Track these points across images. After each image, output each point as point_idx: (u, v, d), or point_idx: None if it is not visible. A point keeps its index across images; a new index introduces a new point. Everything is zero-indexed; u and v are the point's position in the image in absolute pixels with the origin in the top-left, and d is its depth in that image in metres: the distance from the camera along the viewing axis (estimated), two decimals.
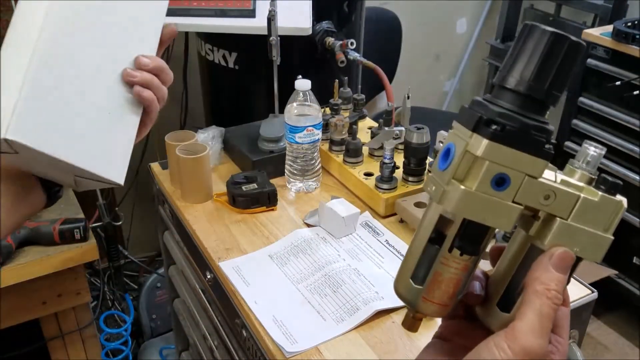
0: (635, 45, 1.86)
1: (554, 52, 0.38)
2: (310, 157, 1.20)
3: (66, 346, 1.43)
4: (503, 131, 0.37)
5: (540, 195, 0.40)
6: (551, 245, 0.41)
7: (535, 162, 0.39)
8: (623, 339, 2.13)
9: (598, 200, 0.40)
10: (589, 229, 0.41)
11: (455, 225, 0.40)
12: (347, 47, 1.40)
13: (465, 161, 0.39)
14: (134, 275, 2.20)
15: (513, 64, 0.40)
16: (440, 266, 0.42)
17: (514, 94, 0.39)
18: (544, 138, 0.38)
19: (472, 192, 0.39)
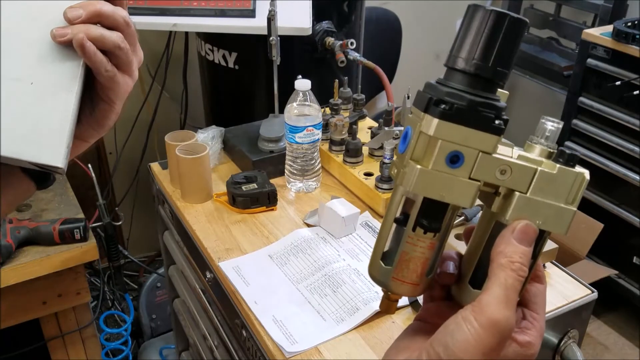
0: (635, 45, 1.86)
1: (496, 30, 0.39)
2: (310, 157, 1.20)
3: (66, 346, 1.43)
4: (451, 109, 0.39)
5: (496, 171, 0.41)
6: (513, 220, 0.42)
7: (486, 137, 0.40)
8: (623, 339, 2.13)
9: (556, 173, 0.41)
10: (549, 202, 0.41)
11: (417, 204, 0.42)
12: (347, 47, 1.40)
13: (420, 142, 0.40)
14: (134, 275, 2.21)
15: (459, 45, 0.41)
16: (406, 245, 0.43)
17: (462, 74, 0.41)
18: (492, 114, 0.40)
19: (428, 170, 0.40)
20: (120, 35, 0.53)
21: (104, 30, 0.52)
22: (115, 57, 0.53)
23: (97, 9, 0.52)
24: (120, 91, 0.56)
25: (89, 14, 0.52)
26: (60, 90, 0.54)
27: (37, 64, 0.54)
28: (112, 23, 0.53)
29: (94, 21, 0.52)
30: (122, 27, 0.53)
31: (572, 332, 0.97)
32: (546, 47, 2.54)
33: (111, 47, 0.53)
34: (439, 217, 0.42)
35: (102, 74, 0.53)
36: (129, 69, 0.55)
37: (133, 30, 0.55)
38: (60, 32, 0.52)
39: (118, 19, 0.53)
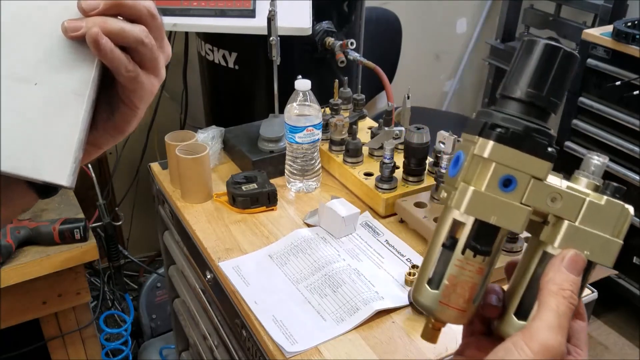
0: (635, 45, 1.86)
1: (550, 61, 0.42)
2: (310, 157, 1.20)
3: (66, 346, 1.43)
4: (507, 133, 0.40)
5: (547, 198, 0.42)
6: (562, 248, 0.42)
7: (539, 163, 0.41)
8: (623, 339, 2.13)
9: (604, 204, 0.42)
10: (597, 232, 0.42)
11: (467, 226, 0.42)
12: (347, 47, 1.40)
13: (473, 164, 0.41)
14: (134, 275, 2.20)
15: (514, 75, 0.43)
16: (454, 269, 0.43)
17: (516, 102, 0.42)
18: (546, 141, 0.41)
19: (481, 192, 0.41)
20: (143, 28, 0.46)
21: (124, 23, 0.45)
22: (139, 54, 0.46)
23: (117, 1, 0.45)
24: (145, 93, 0.49)
25: (107, 5, 0.44)
26: (69, 95, 0.47)
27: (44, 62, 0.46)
28: (135, 15, 0.46)
29: (112, 12, 0.45)
30: (146, 19, 0.46)
31: None
32: None
33: (133, 42, 0.45)
34: (489, 240, 0.43)
35: (122, 74, 0.46)
36: (154, 67, 0.48)
37: (159, 23, 0.48)
38: (72, 25, 0.45)
39: (141, 10, 0.46)
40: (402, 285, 0.97)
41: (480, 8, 2.88)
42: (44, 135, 0.46)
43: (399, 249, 1.05)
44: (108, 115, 0.50)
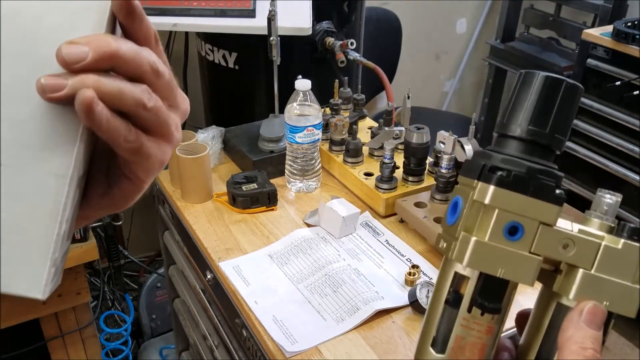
0: (635, 45, 1.86)
1: (552, 95, 0.38)
2: (310, 157, 1.20)
3: (66, 346, 1.43)
4: (509, 177, 0.36)
5: (558, 245, 0.37)
6: (578, 300, 0.38)
7: (547, 207, 0.37)
8: (623, 339, 2.13)
9: (621, 248, 0.38)
10: (616, 280, 0.38)
11: (472, 281, 0.38)
12: (347, 47, 1.40)
13: (474, 211, 0.37)
14: (134, 275, 2.20)
15: (513, 112, 0.39)
16: (461, 329, 0.38)
17: (516, 141, 0.38)
18: (553, 182, 0.37)
19: (485, 242, 0.37)
20: (145, 88, 0.36)
21: (122, 83, 0.34)
22: (141, 119, 0.36)
23: (113, 49, 0.34)
24: (152, 164, 0.38)
25: (98, 56, 0.33)
26: (46, 180, 0.35)
27: (11, 132, 0.35)
28: (134, 70, 0.35)
29: (105, 66, 0.34)
30: (149, 76, 0.36)
31: None
32: (546, 47, 2.54)
33: (133, 107, 0.35)
34: (498, 296, 0.38)
35: (121, 146, 0.36)
36: (163, 132, 0.38)
37: (167, 80, 0.37)
38: (51, 84, 0.33)
39: (143, 65, 0.35)
40: (402, 285, 0.97)
41: (480, 8, 2.88)
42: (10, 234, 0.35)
43: (399, 249, 1.05)
44: (105, 190, 0.41)
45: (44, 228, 0.35)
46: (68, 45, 0.33)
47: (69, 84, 0.33)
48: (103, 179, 0.40)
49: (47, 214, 0.35)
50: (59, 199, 0.36)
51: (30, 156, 0.35)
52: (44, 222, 0.35)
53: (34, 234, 0.35)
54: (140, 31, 0.36)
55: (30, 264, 0.35)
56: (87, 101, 0.32)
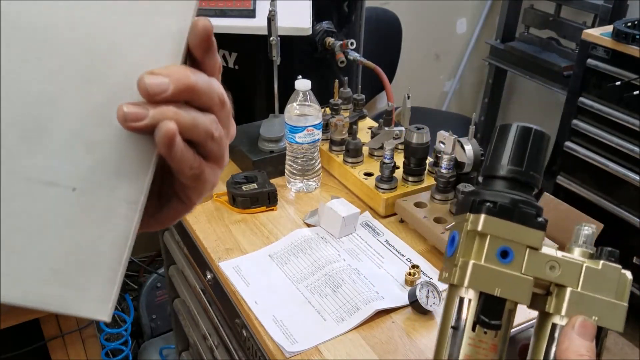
0: (635, 45, 1.86)
1: (525, 139, 0.45)
2: (310, 157, 1.20)
3: (66, 346, 1.43)
4: (496, 207, 0.42)
5: (545, 266, 0.43)
6: (569, 316, 0.42)
7: (532, 233, 0.42)
8: (623, 339, 2.13)
9: (601, 268, 0.43)
10: (601, 297, 0.43)
11: (473, 301, 0.42)
12: (347, 47, 1.40)
13: (469, 240, 0.43)
14: (134, 275, 2.20)
15: (494, 156, 0.46)
16: (468, 348, 0.42)
17: (500, 180, 0.45)
18: (534, 211, 0.43)
19: (482, 265, 0.42)
20: (214, 119, 0.37)
21: (196, 114, 0.36)
22: (205, 148, 0.37)
23: (191, 82, 0.35)
24: (206, 188, 0.40)
25: (180, 89, 0.34)
26: (118, 206, 0.36)
27: (85, 158, 0.35)
28: (206, 102, 0.36)
29: (183, 98, 0.35)
30: (217, 107, 0.37)
31: None
32: (546, 47, 2.54)
33: (203, 137, 0.36)
34: (497, 314, 0.42)
35: (185, 174, 0.37)
36: (220, 159, 0.39)
37: (229, 109, 0.39)
38: (133, 113, 0.34)
39: (214, 97, 0.37)
40: (402, 285, 0.97)
41: (480, 8, 2.88)
42: (83, 258, 0.36)
43: (399, 249, 1.05)
44: (155, 210, 0.42)
45: (113, 253, 0.36)
46: (150, 76, 0.34)
47: (150, 114, 0.34)
48: (155, 200, 0.41)
49: (116, 240, 0.36)
50: (129, 226, 0.36)
51: (103, 182, 0.35)
52: (114, 247, 0.36)
53: (103, 259, 0.36)
54: (210, 63, 0.38)
55: (99, 288, 0.36)
56: (170, 134, 0.34)
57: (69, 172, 0.35)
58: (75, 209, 0.35)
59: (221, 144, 0.38)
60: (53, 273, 0.35)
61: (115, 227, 0.36)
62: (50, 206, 0.35)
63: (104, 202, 0.36)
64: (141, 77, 0.34)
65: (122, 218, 0.36)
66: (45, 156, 0.34)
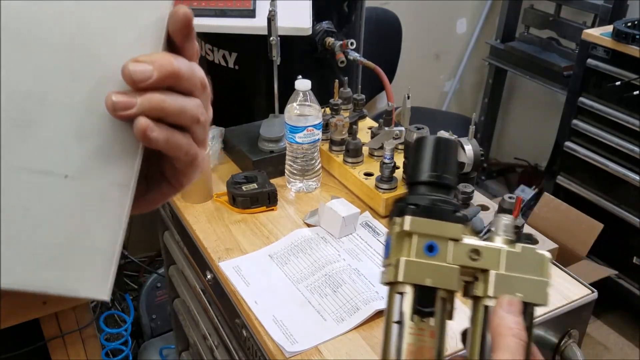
0: (635, 45, 1.86)
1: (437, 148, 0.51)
2: (310, 157, 1.20)
3: (66, 346, 1.43)
4: (419, 208, 0.48)
5: (468, 255, 0.47)
6: (497, 297, 0.47)
7: (452, 227, 0.47)
8: (623, 339, 2.13)
9: (520, 251, 0.48)
10: (523, 276, 0.47)
11: (409, 294, 0.47)
12: (347, 47, 1.40)
13: (399, 240, 0.48)
14: (134, 275, 2.20)
15: (413, 166, 0.51)
16: (410, 337, 0.47)
17: (421, 185, 0.50)
18: (452, 208, 0.48)
19: (413, 260, 0.47)
20: (199, 103, 0.38)
21: (183, 100, 0.37)
22: (194, 133, 0.39)
23: (175, 68, 0.36)
24: (196, 171, 0.42)
25: (164, 74, 0.36)
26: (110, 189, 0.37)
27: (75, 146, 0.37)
28: (188, 87, 0.38)
29: (167, 84, 0.36)
30: (199, 91, 0.39)
31: (572, 332, 0.97)
32: (546, 47, 2.54)
33: (189, 122, 0.38)
34: (431, 301, 0.47)
35: (181, 159, 0.39)
36: (204, 143, 0.41)
37: (208, 93, 0.40)
38: (122, 102, 0.35)
39: (196, 82, 0.38)
40: None
41: (480, 8, 2.88)
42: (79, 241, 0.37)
43: None
44: (142, 192, 0.42)
45: (109, 235, 0.38)
46: (134, 64, 0.35)
47: (138, 102, 0.35)
48: (143, 183, 0.42)
49: (111, 222, 0.38)
50: (122, 208, 0.38)
51: (95, 167, 0.37)
52: (109, 229, 0.38)
53: (99, 241, 0.38)
54: (190, 49, 0.39)
55: (97, 269, 0.38)
56: (141, 128, 0.35)
57: (61, 161, 0.36)
58: (69, 195, 0.37)
59: (206, 127, 0.40)
60: (51, 257, 0.37)
61: (109, 210, 0.38)
62: (45, 194, 0.36)
63: (97, 187, 0.37)
64: (125, 65, 0.35)
65: (114, 201, 0.38)
66: (37, 146, 0.36)
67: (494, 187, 2.99)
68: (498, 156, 3.13)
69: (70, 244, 0.37)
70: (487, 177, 3.04)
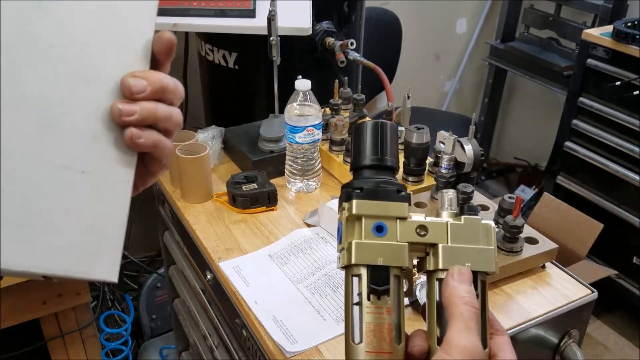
0: (635, 45, 1.86)
1: (374, 132, 0.52)
2: (310, 157, 1.20)
3: (66, 346, 1.43)
4: (362, 191, 0.49)
5: (415, 231, 0.49)
6: (446, 267, 0.48)
7: (396, 206, 0.49)
8: (623, 339, 2.14)
9: (464, 223, 0.50)
10: (469, 246, 0.49)
11: (364, 275, 0.48)
12: (347, 47, 1.40)
13: (349, 224, 0.50)
14: (134, 275, 2.20)
15: (355, 153, 0.53)
16: (367, 316, 0.48)
17: (364, 169, 0.52)
18: (395, 188, 0.50)
19: (362, 242, 0.49)
20: (179, 112, 0.47)
21: (170, 109, 0.45)
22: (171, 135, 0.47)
23: (164, 83, 0.44)
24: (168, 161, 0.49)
25: (155, 89, 0.44)
26: (117, 183, 0.44)
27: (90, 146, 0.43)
28: (171, 99, 0.45)
29: (157, 97, 0.44)
30: (179, 101, 0.46)
31: (572, 332, 0.97)
32: (546, 47, 2.54)
33: (173, 128, 0.46)
34: (385, 281, 0.48)
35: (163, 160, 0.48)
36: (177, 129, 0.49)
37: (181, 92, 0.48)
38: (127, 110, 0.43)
39: (178, 95, 0.46)
40: None
41: (480, 8, 2.88)
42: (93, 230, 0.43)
43: None
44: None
45: (116, 225, 0.44)
46: (132, 78, 0.43)
47: (138, 110, 0.43)
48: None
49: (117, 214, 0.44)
50: (126, 201, 0.45)
51: (105, 166, 0.43)
52: (116, 220, 0.44)
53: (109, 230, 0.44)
54: (168, 65, 0.47)
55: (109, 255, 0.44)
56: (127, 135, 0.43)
57: (79, 158, 0.42)
58: (85, 189, 0.42)
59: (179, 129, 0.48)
60: (71, 243, 0.42)
61: (116, 203, 0.44)
62: (66, 187, 0.42)
63: (107, 183, 0.43)
64: (125, 79, 0.43)
65: (120, 195, 0.44)
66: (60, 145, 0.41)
67: (494, 187, 2.99)
68: (498, 156, 3.13)
69: (86, 232, 0.43)
70: (487, 177, 3.04)
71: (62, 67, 0.42)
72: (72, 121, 0.42)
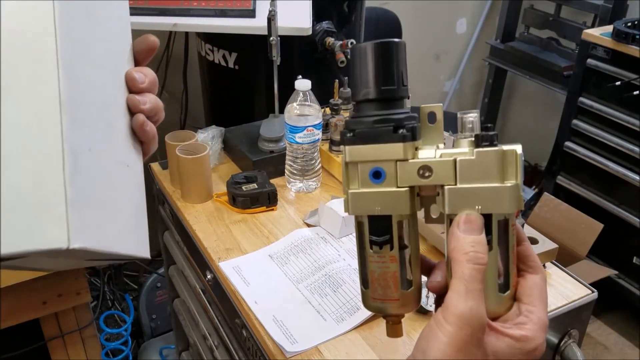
0: (635, 45, 1.86)
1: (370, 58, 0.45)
2: (310, 157, 1.20)
3: (66, 346, 1.43)
4: (354, 134, 0.44)
5: (417, 174, 0.43)
6: (454, 212, 0.43)
7: (393, 147, 0.43)
8: (623, 339, 2.14)
9: (475, 158, 0.42)
10: (481, 185, 0.42)
11: (365, 225, 0.45)
12: (347, 47, 1.40)
13: (346, 171, 0.45)
14: (134, 275, 2.20)
15: (352, 82, 0.47)
16: (370, 265, 0.46)
17: (363, 103, 0.46)
18: (390, 126, 0.43)
19: (359, 191, 0.44)
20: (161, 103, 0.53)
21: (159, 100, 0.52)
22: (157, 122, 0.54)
23: (155, 78, 0.51)
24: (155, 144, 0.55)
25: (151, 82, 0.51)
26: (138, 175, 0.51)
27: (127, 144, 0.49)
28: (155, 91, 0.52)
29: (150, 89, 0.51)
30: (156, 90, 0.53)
31: (572, 332, 0.97)
32: (546, 47, 2.54)
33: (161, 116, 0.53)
34: (386, 231, 0.45)
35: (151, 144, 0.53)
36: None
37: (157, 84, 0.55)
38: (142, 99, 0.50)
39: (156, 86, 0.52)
40: None
41: (480, 8, 2.88)
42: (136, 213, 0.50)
43: None
44: None
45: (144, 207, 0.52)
46: (136, 72, 0.49)
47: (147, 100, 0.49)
48: None
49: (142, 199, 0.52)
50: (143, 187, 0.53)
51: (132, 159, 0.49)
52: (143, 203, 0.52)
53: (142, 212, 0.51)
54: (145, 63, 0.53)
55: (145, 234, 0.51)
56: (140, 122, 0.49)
57: (126, 154, 0.48)
58: (130, 180, 0.49)
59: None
60: (127, 225, 0.47)
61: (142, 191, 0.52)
62: (122, 179, 0.47)
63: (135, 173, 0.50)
64: (130, 72, 0.49)
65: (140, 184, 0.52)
66: (116, 142, 0.47)
67: None
68: None
69: (135, 215, 0.49)
70: None
71: (110, 72, 0.47)
72: (118, 121, 0.47)
